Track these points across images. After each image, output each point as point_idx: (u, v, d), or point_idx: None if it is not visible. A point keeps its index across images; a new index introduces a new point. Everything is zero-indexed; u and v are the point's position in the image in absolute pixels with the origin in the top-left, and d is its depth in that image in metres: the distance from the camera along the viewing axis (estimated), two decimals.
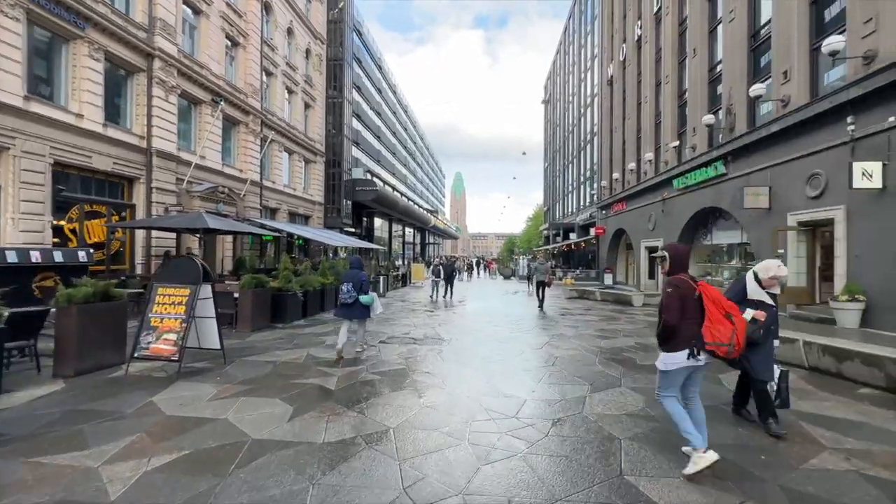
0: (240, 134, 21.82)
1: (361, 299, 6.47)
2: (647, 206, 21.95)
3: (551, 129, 55.63)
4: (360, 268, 6.79)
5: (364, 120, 43.46)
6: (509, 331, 9.22)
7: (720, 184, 15.30)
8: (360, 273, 6.66)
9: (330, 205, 33.37)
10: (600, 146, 31.76)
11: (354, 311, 6.53)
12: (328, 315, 11.37)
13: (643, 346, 7.55)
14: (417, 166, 79.24)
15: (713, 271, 17.81)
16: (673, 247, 3.31)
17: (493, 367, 6.07)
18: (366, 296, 6.52)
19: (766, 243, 12.83)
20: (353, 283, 6.47)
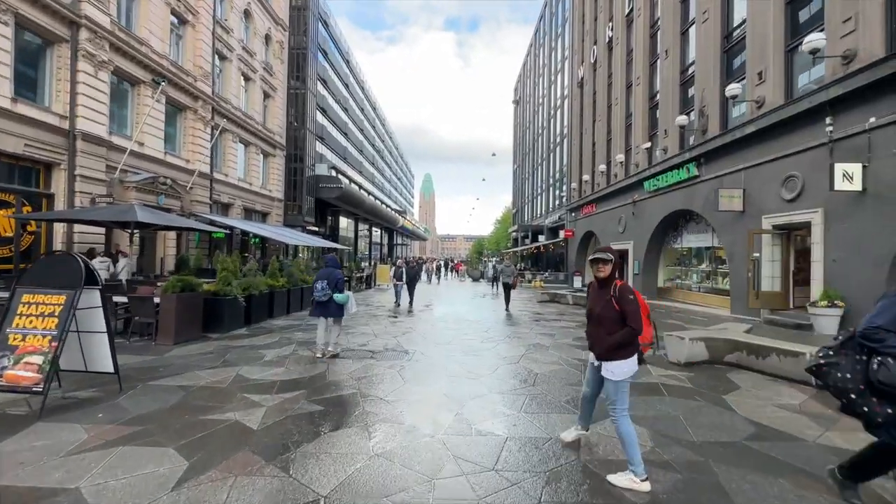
0: (187, 121, 19.85)
1: (336, 298, 6.45)
2: (617, 209, 21.75)
3: (521, 132, 55.65)
4: (336, 266, 6.79)
5: (330, 115, 41.61)
6: (480, 340, 8.27)
7: (692, 186, 15.07)
8: (336, 271, 6.64)
9: (291, 202, 31.47)
10: (570, 148, 31.64)
11: (329, 309, 6.51)
12: (278, 322, 10.03)
13: None
14: (386, 165, 77.52)
15: (682, 275, 17.67)
16: (613, 251, 3.13)
17: (464, 388, 5.06)
18: (341, 294, 6.49)
19: (739, 246, 12.58)
20: (327, 281, 6.44)
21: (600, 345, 3.07)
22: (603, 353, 3.05)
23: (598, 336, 3.08)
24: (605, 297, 2.99)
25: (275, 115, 28.91)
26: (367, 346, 7.55)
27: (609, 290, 3.01)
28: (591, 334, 3.19)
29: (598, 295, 3.09)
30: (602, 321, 3.02)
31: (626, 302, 2.93)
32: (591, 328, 3.17)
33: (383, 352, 7.04)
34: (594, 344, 3.15)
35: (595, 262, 3.08)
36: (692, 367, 6.21)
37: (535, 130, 45.88)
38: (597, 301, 3.09)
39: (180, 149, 19.56)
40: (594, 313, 3.09)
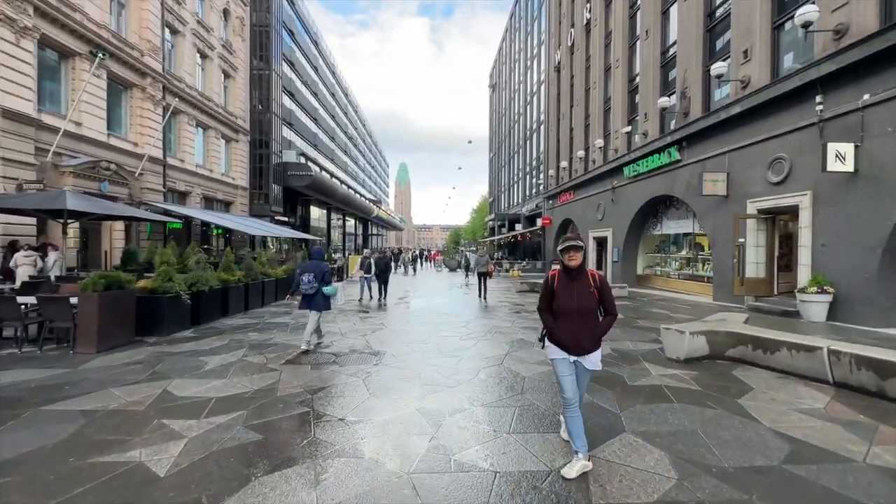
0: (134, 100, 18.02)
1: (325, 290, 6.42)
2: (595, 196, 21.34)
3: (497, 119, 54.86)
4: (322, 258, 6.72)
5: (298, 99, 39.59)
6: (459, 337, 7.49)
7: (674, 171, 14.68)
8: (323, 264, 6.57)
9: (257, 190, 29.71)
10: (547, 135, 31.09)
11: (317, 302, 6.42)
12: (233, 321, 8.94)
13: (623, 356, 6.15)
14: (359, 154, 75.37)
15: (661, 262, 17.42)
16: (581, 239, 2.96)
17: (441, 401, 4.26)
18: (329, 287, 6.46)
19: (722, 232, 12.24)
20: (314, 273, 6.38)
21: (589, 337, 2.89)
22: (592, 346, 2.91)
23: (584, 329, 2.87)
24: (585, 288, 2.86)
25: (237, 98, 27.03)
26: (330, 347, 6.63)
27: (583, 279, 2.90)
28: (574, 329, 2.89)
29: (575, 286, 2.89)
30: (588, 314, 2.88)
31: (608, 290, 2.92)
32: (574, 322, 2.89)
33: (348, 354, 6.15)
34: (580, 339, 2.89)
35: (566, 250, 2.87)
36: (692, 363, 5.62)
37: (512, 117, 45.18)
38: (577, 293, 2.87)
39: (127, 131, 17.76)
40: (577, 306, 2.86)
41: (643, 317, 9.84)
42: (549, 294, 3.01)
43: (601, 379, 4.99)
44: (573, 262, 2.89)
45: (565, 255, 2.91)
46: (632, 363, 5.72)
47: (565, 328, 2.91)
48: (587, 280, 2.91)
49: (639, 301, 13.13)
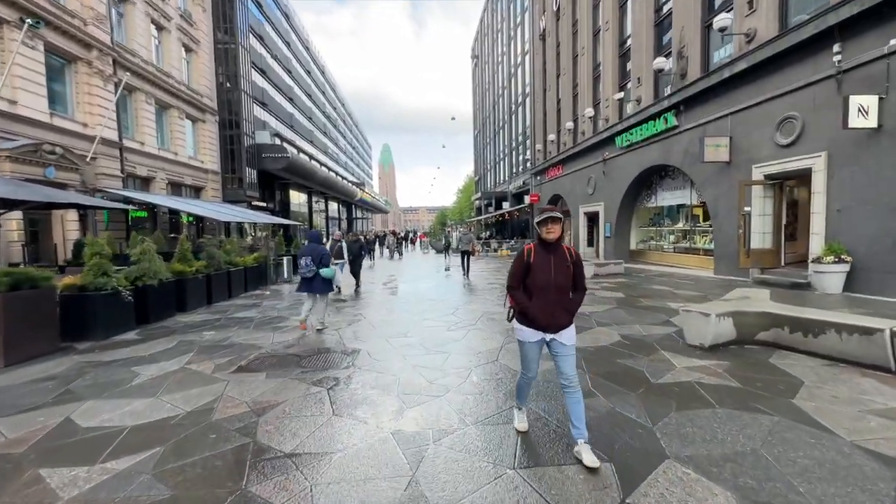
0: (79, 75, 16.23)
1: (323, 273, 6.42)
2: (585, 169, 20.43)
3: (481, 94, 53.14)
4: (319, 241, 6.74)
5: (271, 77, 37.40)
6: (446, 327, 6.58)
7: (670, 138, 13.79)
8: (320, 247, 6.56)
9: (230, 174, 27.98)
10: (533, 108, 29.86)
11: (315, 285, 6.47)
12: (190, 317, 7.87)
13: (637, 344, 5.32)
14: (340, 135, 72.84)
15: (656, 236, 16.73)
16: (559, 210, 2.80)
17: (424, 418, 3.36)
18: (327, 269, 6.46)
19: (724, 202, 11.47)
20: (312, 257, 6.39)
21: (565, 312, 2.80)
22: (567, 321, 2.81)
23: (559, 305, 2.78)
24: (562, 263, 2.78)
25: (201, 74, 25.07)
26: (295, 346, 5.65)
27: (561, 253, 2.81)
28: (549, 305, 2.75)
29: (553, 261, 2.77)
30: (564, 289, 2.80)
31: (582, 266, 2.87)
32: (551, 299, 2.76)
33: (315, 356, 5.19)
34: (553, 315, 2.76)
35: (545, 222, 2.76)
36: (718, 351, 4.82)
37: (496, 91, 43.62)
38: (553, 268, 2.76)
39: (74, 110, 16.05)
40: (555, 282, 2.74)
41: (645, 294, 9.07)
42: (524, 270, 2.84)
43: (618, 376, 4.14)
44: (551, 235, 2.76)
45: (543, 228, 2.77)
46: (648, 352, 4.89)
47: (541, 305, 2.77)
48: (564, 255, 2.81)
49: (636, 277, 12.40)
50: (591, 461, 2.58)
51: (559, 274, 2.75)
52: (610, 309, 7.62)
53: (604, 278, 12.45)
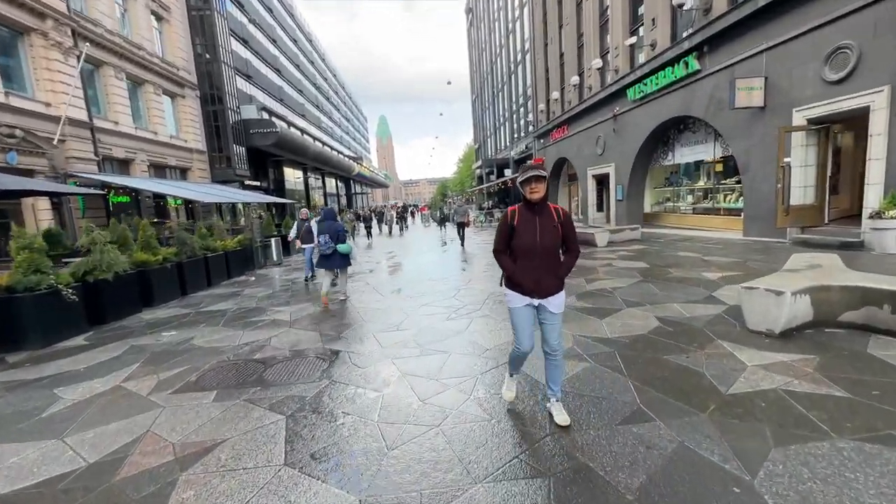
0: (35, 49, 14.74)
1: (340, 248, 6.59)
2: (594, 128, 18.89)
3: (477, 55, 50.36)
4: (334, 218, 6.81)
5: (254, 47, 35.28)
6: (446, 314, 5.57)
7: (691, 85, 12.28)
8: (336, 224, 6.69)
9: (217, 153, 26.60)
10: (534, 65, 27.84)
11: (334, 261, 6.65)
12: (155, 314, 6.91)
13: (683, 329, 4.29)
14: (333, 108, 70.27)
15: (673, 196, 15.45)
16: (544, 167, 2.66)
17: (411, 473, 2.35)
18: (343, 245, 6.62)
19: (756, 154, 10.16)
20: (329, 234, 6.53)
21: (554, 277, 2.63)
22: (555, 286, 2.64)
23: (547, 269, 2.62)
24: (549, 223, 2.60)
25: (175, 45, 23.28)
26: (264, 348, 4.67)
27: (547, 214, 2.62)
28: (536, 269, 2.60)
29: (538, 222, 2.59)
30: (551, 252, 2.62)
31: (572, 225, 2.68)
32: (536, 263, 2.60)
33: (284, 363, 4.20)
34: (541, 279, 2.60)
35: (528, 181, 2.55)
36: (792, 338, 3.76)
37: (493, 51, 41.10)
38: (540, 230, 2.58)
39: (33, 88, 14.67)
40: (540, 244, 2.57)
41: (672, 263, 7.97)
42: (509, 232, 2.68)
43: (672, 384, 3.11)
44: (536, 195, 2.57)
45: (527, 188, 2.58)
46: (702, 343, 3.85)
47: (526, 269, 2.63)
48: (551, 215, 2.63)
49: (655, 243, 11.26)
50: (563, 420, 2.65)
51: (545, 236, 2.58)
52: (636, 283, 6.55)
53: (620, 246, 11.33)
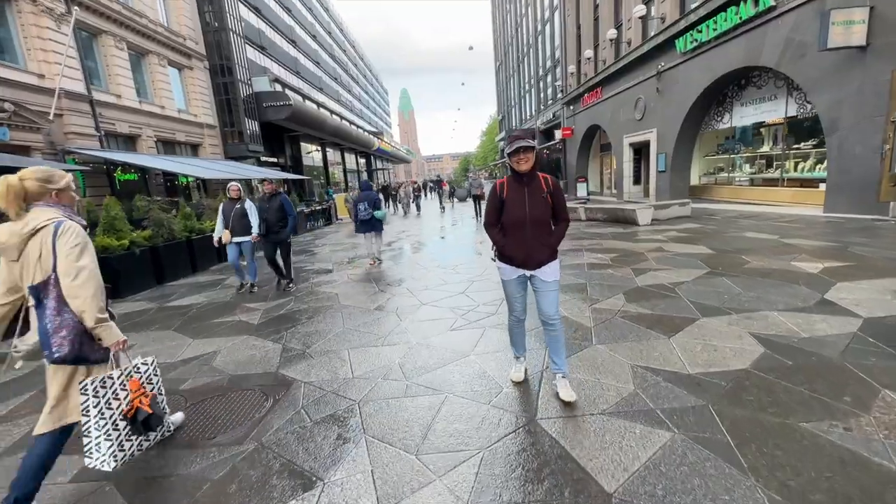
0: (24, 15, 13.77)
1: (376, 214, 7.43)
2: (632, 89, 16.64)
3: (501, 18, 47.08)
4: (370, 189, 7.74)
5: (267, 16, 33.76)
6: (450, 322, 4.22)
7: (761, 27, 10.07)
8: (372, 193, 7.63)
9: (228, 127, 25.67)
10: (563, 22, 25.17)
11: (372, 225, 7.55)
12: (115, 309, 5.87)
13: (801, 357, 2.82)
14: (352, 80, 68.32)
15: (727, 165, 13.33)
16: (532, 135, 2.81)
17: None
18: (379, 211, 7.47)
19: (850, 108, 8.10)
20: (367, 202, 7.42)
21: (545, 247, 2.58)
22: (548, 257, 2.60)
23: (538, 240, 2.56)
24: (538, 194, 2.55)
25: (181, 13, 22.08)
26: (201, 370, 3.46)
27: (536, 185, 2.57)
28: (525, 242, 2.55)
29: (527, 193, 2.55)
30: (541, 223, 2.57)
31: (561, 195, 2.64)
32: (526, 234, 2.55)
33: (211, 399, 2.97)
34: (532, 252, 2.56)
35: (516, 152, 2.48)
36: None
37: (518, 10, 38.02)
38: (529, 201, 2.54)
39: (23, 59, 13.79)
40: (530, 216, 2.53)
41: (744, 249, 6.27)
42: (498, 206, 2.63)
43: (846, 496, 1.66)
44: (524, 166, 2.50)
45: (514, 159, 2.51)
46: (857, 394, 2.33)
47: (516, 241, 2.58)
48: (540, 186, 2.56)
49: (711, 221, 9.45)
50: (568, 395, 2.56)
51: (535, 207, 2.53)
52: (704, 276, 4.97)
53: (667, 224, 9.59)
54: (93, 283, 1.88)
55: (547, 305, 2.59)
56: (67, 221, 1.91)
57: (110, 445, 1.99)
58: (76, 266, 1.85)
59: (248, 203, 6.14)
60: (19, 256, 1.86)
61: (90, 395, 1.93)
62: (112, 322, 2.00)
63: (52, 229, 1.86)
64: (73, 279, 1.84)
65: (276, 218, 6.10)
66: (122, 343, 2.00)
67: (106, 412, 1.99)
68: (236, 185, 6.09)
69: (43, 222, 1.86)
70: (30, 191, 1.91)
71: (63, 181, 2.02)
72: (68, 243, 1.85)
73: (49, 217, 1.88)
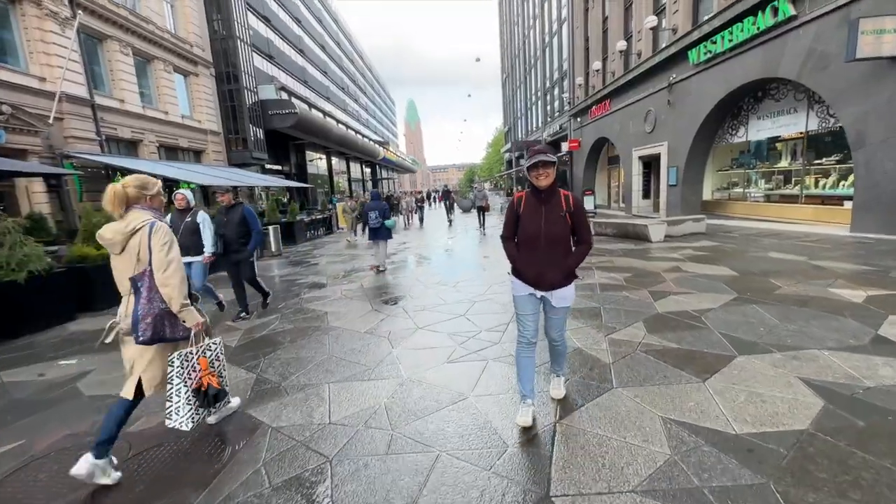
0: (27, 19, 13.64)
1: (386, 223, 7.83)
2: (642, 101, 16.27)
3: (508, 31, 47.25)
4: (380, 199, 8.21)
5: (276, 26, 33.94)
6: (450, 348, 3.75)
7: (780, 37, 9.66)
8: (382, 203, 8.01)
9: (233, 134, 25.55)
10: (571, 34, 25.00)
11: (382, 233, 7.89)
12: (86, 324, 5.43)
13: (874, 414, 2.29)
14: (359, 90, 68.73)
15: (742, 181, 12.84)
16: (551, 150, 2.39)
17: None
18: (389, 220, 7.91)
19: (878, 122, 7.62)
20: (378, 210, 7.81)
21: (556, 270, 2.39)
22: (562, 280, 2.42)
23: (551, 261, 2.39)
24: (556, 212, 2.38)
25: (188, 20, 22.09)
26: (141, 418, 2.99)
27: (555, 202, 2.39)
28: (538, 260, 2.40)
29: (545, 210, 2.39)
30: (559, 242, 2.39)
31: (582, 214, 2.44)
32: (540, 254, 2.40)
33: (142, 454, 2.49)
34: (544, 271, 2.40)
35: (535, 167, 2.33)
36: None
37: (526, 23, 38.05)
38: (545, 218, 2.37)
39: (25, 62, 13.63)
40: (545, 234, 2.37)
41: (771, 271, 5.75)
42: (514, 220, 2.50)
43: None
44: (544, 181, 2.35)
45: (533, 173, 2.35)
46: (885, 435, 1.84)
47: (529, 259, 2.43)
48: (559, 203, 2.39)
49: (729, 239, 8.93)
50: (558, 394, 2.73)
51: (551, 225, 2.36)
52: (732, 303, 4.46)
53: (681, 241, 9.08)
54: (179, 274, 2.23)
55: (554, 331, 2.55)
56: (158, 222, 2.24)
57: (189, 409, 2.34)
58: (166, 260, 2.19)
59: (200, 215, 5.00)
60: (122, 251, 2.21)
61: (175, 367, 2.30)
62: (193, 307, 2.34)
63: (148, 229, 2.19)
64: (164, 271, 2.18)
65: (237, 234, 5.08)
66: (200, 324, 2.36)
67: (187, 381, 2.34)
68: (184, 194, 5.00)
69: (140, 223, 2.20)
70: (130, 196, 2.25)
71: (155, 188, 2.38)
72: (160, 241, 2.19)
73: (144, 218, 2.22)
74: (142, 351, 2.27)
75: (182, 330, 2.31)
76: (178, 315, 2.25)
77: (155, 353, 2.29)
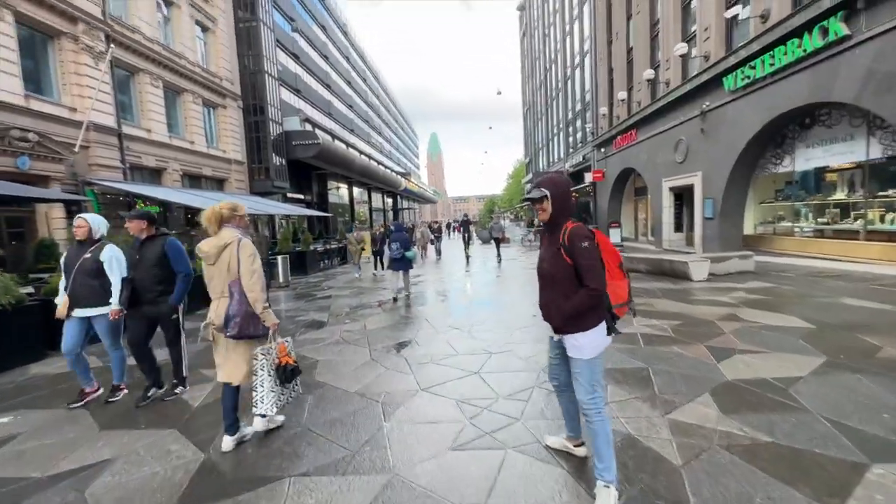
0: (64, 53, 14.15)
1: (407, 255, 8.10)
2: (671, 130, 15.48)
3: (529, 65, 47.89)
4: (402, 230, 8.65)
5: (304, 62, 35.22)
6: (455, 428, 2.92)
7: (831, 59, 8.82)
8: (404, 234, 8.36)
9: (256, 164, 25.95)
10: (594, 66, 24.75)
11: (403, 263, 8.18)
12: (49, 367, 4.80)
13: None
14: (383, 124, 70.52)
15: (789, 214, 11.70)
16: (552, 181, 2.20)
17: None
18: (410, 252, 8.17)
19: None
20: (400, 242, 8.11)
21: (557, 313, 2.15)
22: (560, 325, 2.17)
23: (552, 301, 2.20)
24: (552, 247, 2.17)
25: (219, 55, 22.91)
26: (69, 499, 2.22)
27: (556, 236, 2.17)
28: (544, 299, 2.27)
29: (546, 244, 2.29)
30: (554, 280, 2.17)
31: (579, 252, 2.07)
32: (543, 292, 2.28)
33: None
34: (548, 313, 2.25)
35: (532, 203, 2.27)
36: None
37: (548, 56, 38.37)
38: (542, 253, 2.30)
39: (59, 93, 14.02)
40: (539, 270, 2.30)
41: (856, 326, 4.69)
42: None
43: None
44: (542, 216, 2.23)
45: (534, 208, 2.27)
46: None
47: (540, 295, 2.31)
48: (556, 237, 2.17)
49: (785, 280, 7.81)
50: None
51: (550, 262, 2.19)
52: (825, 371, 3.45)
53: (727, 280, 8.01)
54: (261, 281, 2.75)
55: (577, 388, 2.20)
56: (245, 238, 2.79)
57: (274, 396, 2.80)
58: (251, 269, 2.72)
59: (107, 251, 3.63)
60: (215, 262, 2.73)
61: (259, 360, 2.76)
62: (271, 309, 2.82)
63: (237, 244, 2.74)
64: (251, 278, 2.71)
65: (154, 277, 3.57)
66: (276, 325, 2.83)
67: (271, 372, 2.79)
68: (85, 220, 3.63)
69: (230, 238, 2.73)
70: (224, 216, 2.79)
71: (242, 210, 2.89)
72: (246, 254, 2.73)
73: (234, 235, 2.75)
74: (233, 345, 2.78)
75: (262, 328, 2.77)
76: (259, 315, 2.72)
77: (243, 347, 2.79)
